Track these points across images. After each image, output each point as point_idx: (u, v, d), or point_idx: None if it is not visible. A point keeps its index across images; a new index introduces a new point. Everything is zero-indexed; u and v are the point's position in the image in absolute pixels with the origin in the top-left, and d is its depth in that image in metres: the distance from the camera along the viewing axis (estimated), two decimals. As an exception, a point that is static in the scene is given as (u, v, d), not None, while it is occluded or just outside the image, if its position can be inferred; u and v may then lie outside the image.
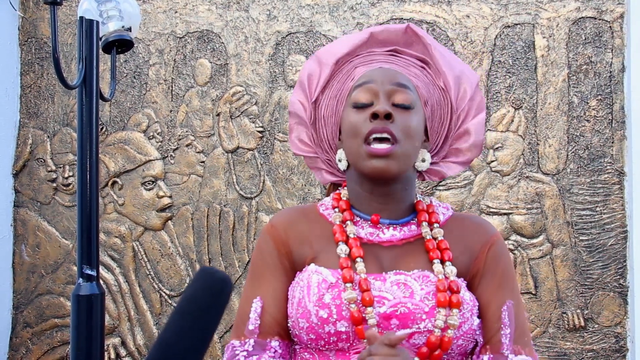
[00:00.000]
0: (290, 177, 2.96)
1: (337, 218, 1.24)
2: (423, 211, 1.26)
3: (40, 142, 3.13)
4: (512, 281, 1.26)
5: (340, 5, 2.96)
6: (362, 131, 1.19)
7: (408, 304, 1.14)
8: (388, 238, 1.23)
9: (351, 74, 1.28)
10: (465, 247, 1.25)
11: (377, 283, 1.17)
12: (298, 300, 1.17)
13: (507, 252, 1.30)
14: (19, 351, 3.12)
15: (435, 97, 1.29)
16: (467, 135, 1.30)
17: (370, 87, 1.22)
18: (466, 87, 1.30)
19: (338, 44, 1.33)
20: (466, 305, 1.18)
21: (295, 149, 1.34)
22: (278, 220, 1.28)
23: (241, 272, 2.96)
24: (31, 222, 3.13)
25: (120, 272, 3.05)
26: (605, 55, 2.79)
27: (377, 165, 1.18)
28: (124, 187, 3.06)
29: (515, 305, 1.23)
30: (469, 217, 1.33)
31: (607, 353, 2.74)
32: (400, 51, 1.31)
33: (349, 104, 1.24)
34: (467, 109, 1.30)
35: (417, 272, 1.18)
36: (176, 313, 0.80)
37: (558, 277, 2.78)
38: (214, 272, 0.83)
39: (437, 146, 1.31)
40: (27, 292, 3.13)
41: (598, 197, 2.77)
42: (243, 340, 1.19)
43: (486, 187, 2.84)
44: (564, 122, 2.80)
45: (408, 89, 1.22)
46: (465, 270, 1.23)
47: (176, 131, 3.04)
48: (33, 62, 3.17)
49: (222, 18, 3.03)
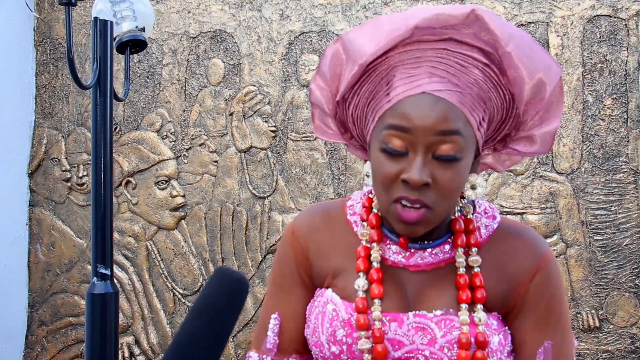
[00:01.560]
0: (303, 177, 2.96)
1: (364, 236, 1.10)
2: (460, 233, 1.07)
3: (55, 142, 3.16)
4: (556, 317, 1.07)
5: (353, 4, 2.95)
6: (390, 191, 1.00)
7: (426, 352, 1.03)
8: (416, 262, 1.08)
9: (386, 78, 1.01)
10: (505, 274, 1.07)
11: (393, 325, 1.05)
12: (313, 329, 1.11)
13: (557, 279, 1.09)
14: (34, 349, 3.15)
15: (498, 104, 1.03)
16: (530, 142, 1.07)
17: (407, 137, 0.97)
18: (546, 90, 1.01)
19: (369, 35, 1.02)
20: (493, 355, 1.03)
21: (320, 134, 1.16)
22: (300, 226, 1.17)
23: (254, 271, 2.97)
24: (46, 222, 3.15)
25: (134, 271, 3.07)
26: (621, 53, 2.77)
27: (404, 230, 1.02)
28: (137, 187, 3.08)
29: (557, 345, 1.06)
30: (517, 233, 1.11)
31: (623, 354, 2.72)
32: (458, 41, 0.99)
33: (379, 140, 1.00)
34: (538, 113, 1.04)
35: (440, 316, 1.04)
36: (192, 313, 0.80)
37: (572, 277, 2.76)
38: (230, 272, 0.82)
39: (490, 142, 1.10)
40: (42, 290, 3.15)
41: (613, 196, 2.75)
42: (261, 356, 1.16)
43: (500, 187, 2.83)
44: (578, 121, 2.78)
45: (457, 134, 0.96)
46: (502, 302, 1.07)
47: (189, 131, 3.05)
48: (48, 62, 3.20)
49: (235, 18, 3.04)
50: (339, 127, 1.13)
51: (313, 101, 1.12)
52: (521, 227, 1.13)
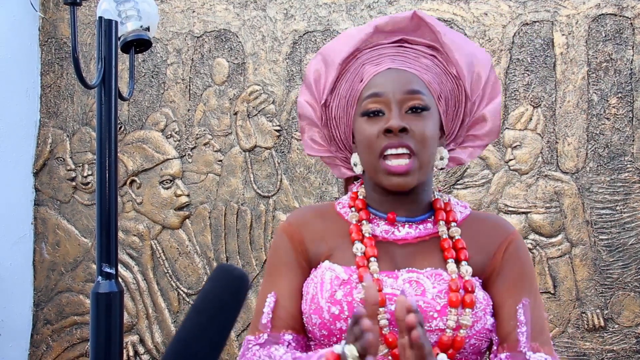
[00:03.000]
0: (307, 176, 2.96)
1: (354, 217, 1.24)
2: (440, 209, 1.25)
3: (60, 142, 3.17)
4: (529, 280, 1.23)
5: (358, 3, 2.95)
6: (376, 146, 1.17)
7: (420, 302, 1.14)
8: (403, 236, 1.22)
9: (359, 72, 1.24)
10: (482, 246, 1.23)
11: (389, 280, 1.17)
12: (311, 297, 1.18)
13: (526, 251, 1.27)
14: (39, 348, 3.16)
15: (449, 87, 1.25)
16: (483, 122, 1.27)
17: (382, 99, 1.19)
18: (479, 71, 1.26)
19: (342, 41, 1.28)
20: (479, 305, 1.16)
21: (309, 150, 1.34)
22: (294, 218, 1.29)
23: (258, 270, 2.97)
24: (51, 221, 3.16)
25: (139, 270, 3.07)
26: (626, 52, 2.76)
27: (396, 182, 1.17)
28: (142, 186, 3.08)
29: (532, 303, 1.20)
30: (487, 217, 1.31)
31: (628, 354, 2.71)
32: (408, 40, 1.26)
33: (360, 111, 1.21)
34: (482, 94, 1.27)
35: (429, 270, 1.18)
36: (193, 310, 0.80)
37: (577, 276, 2.75)
38: (231, 269, 0.83)
39: (453, 134, 1.29)
40: (47, 289, 3.16)
41: (618, 195, 2.74)
42: (257, 335, 1.20)
43: (504, 186, 2.82)
44: (583, 120, 2.78)
45: (421, 93, 1.19)
46: (481, 270, 1.21)
47: (194, 130, 3.05)
48: (53, 62, 3.21)
49: (240, 17, 3.04)
50: (325, 138, 1.31)
51: (301, 113, 1.32)
52: (490, 213, 1.42)
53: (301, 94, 1.32)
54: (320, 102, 1.28)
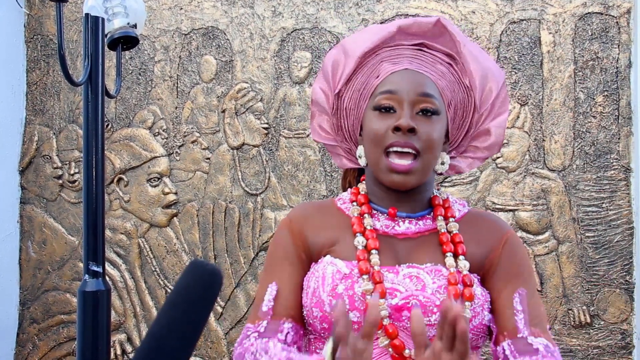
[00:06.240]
0: (295, 174, 2.96)
1: (355, 211, 1.27)
2: (439, 206, 1.28)
3: (46, 139, 3.14)
4: (526, 273, 1.25)
5: (346, 1, 2.95)
6: (383, 141, 1.20)
7: (420, 297, 1.16)
8: (403, 231, 1.25)
9: (376, 69, 1.28)
10: (480, 242, 1.26)
11: (390, 275, 1.19)
12: (313, 290, 1.20)
13: (523, 247, 1.30)
14: (25, 347, 3.14)
15: (460, 96, 1.28)
16: (487, 135, 1.31)
17: (395, 97, 1.22)
18: (492, 86, 1.29)
19: (365, 36, 1.31)
20: (477, 300, 1.19)
21: (316, 136, 1.36)
22: (295, 214, 1.31)
23: (247, 268, 2.97)
24: (37, 219, 3.14)
25: (126, 268, 3.06)
26: (612, 50, 2.78)
27: (396, 180, 1.20)
28: (129, 184, 3.07)
29: (529, 294, 1.22)
30: (484, 214, 1.34)
31: (613, 350, 2.74)
32: (428, 45, 1.30)
33: (372, 104, 1.25)
34: (490, 109, 1.30)
35: (429, 266, 1.20)
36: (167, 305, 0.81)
37: (564, 273, 2.77)
38: (204, 264, 0.84)
39: (456, 142, 1.32)
40: (33, 288, 3.14)
41: (604, 193, 2.76)
42: (257, 322, 1.21)
43: (492, 184, 2.84)
44: (570, 118, 2.79)
45: (433, 97, 1.22)
46: (479, 266, 1.24)
47: (181, 128, 3.04)
48: (39, 59, 3.18)
49: (227, 15, 3.03)
50: (333, 127, 1.33)
51: (314, 99, 1.34)
52: (487, 212, 1.42)
53: (317, 81, 1.34)
54: (334, 92, 1.31)
